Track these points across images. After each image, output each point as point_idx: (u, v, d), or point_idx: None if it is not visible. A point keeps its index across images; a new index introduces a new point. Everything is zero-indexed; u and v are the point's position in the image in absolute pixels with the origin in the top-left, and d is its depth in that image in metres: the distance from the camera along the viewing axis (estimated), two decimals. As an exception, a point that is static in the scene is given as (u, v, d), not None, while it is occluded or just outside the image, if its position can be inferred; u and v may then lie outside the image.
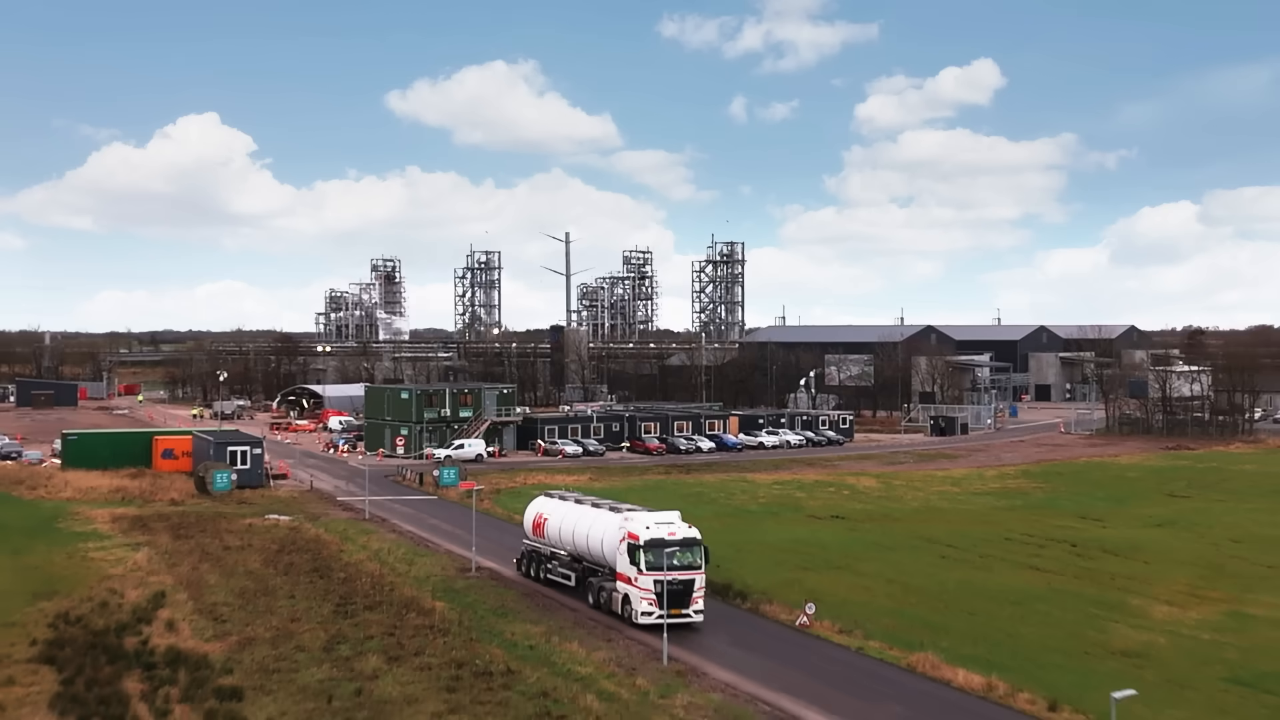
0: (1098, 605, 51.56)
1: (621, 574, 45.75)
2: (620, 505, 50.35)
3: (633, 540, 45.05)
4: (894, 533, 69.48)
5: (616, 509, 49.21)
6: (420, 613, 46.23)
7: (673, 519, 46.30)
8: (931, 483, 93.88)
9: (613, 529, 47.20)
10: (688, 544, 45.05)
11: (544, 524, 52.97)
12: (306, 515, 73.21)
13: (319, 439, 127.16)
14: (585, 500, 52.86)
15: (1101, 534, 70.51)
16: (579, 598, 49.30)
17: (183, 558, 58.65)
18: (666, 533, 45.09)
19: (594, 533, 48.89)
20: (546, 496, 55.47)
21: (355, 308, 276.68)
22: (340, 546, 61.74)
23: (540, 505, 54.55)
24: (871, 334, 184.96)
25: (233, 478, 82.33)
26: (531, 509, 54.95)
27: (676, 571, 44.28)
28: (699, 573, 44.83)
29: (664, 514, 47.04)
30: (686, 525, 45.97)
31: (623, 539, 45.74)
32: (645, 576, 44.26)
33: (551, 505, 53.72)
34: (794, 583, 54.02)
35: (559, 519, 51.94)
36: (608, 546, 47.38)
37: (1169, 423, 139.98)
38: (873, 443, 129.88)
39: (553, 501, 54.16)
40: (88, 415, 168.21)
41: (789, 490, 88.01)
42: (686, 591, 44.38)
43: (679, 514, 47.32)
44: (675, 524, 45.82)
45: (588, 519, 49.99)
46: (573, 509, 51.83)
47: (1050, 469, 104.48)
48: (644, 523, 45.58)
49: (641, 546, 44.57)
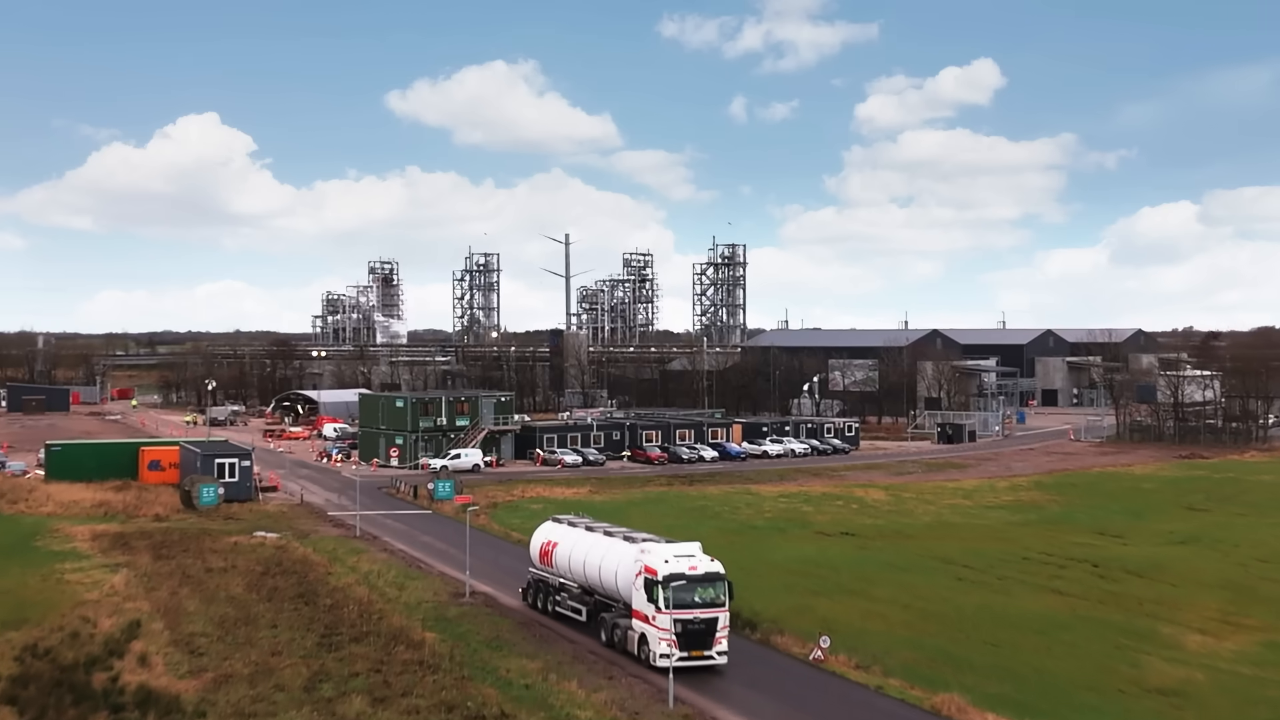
0: (1126, 634, 48.86)
1: (638, 611, 42.02)
2: (635, 534, 46.54)
3: (650, 575, 41.34)
4: (907, 551, 66.71)
5: (631, 538, 45.41)
6: (409, 645, 43.45)
7: (693, 551, 42.50)
8: (942, 495, 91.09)
9: (628, 561, 43.46)
10: (710, 579, 41.29)
11: (552, 552, 49.22)
12: (295, 532, 70.42)
13: (312, 447, 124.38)
14: (597, 527, 48.85)
15: (1122, 552, 67.75)
16: (591, 634, 45.61)
17: (162, 581, 55.88)
18: (687, 567, 41.35)
19: (607, 564, 45.15)
20: (554, 522, 51.36)
21: (352, 310, 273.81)
22: (328, 568, 58.94)
23: (548, 532, 50.60)
24: (876, 338, 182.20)
25: (219, 492, 79.51)
26: (539, 536, 51.04)
27: (698, 610, 40.71)
28: (723, 610, 41.12)
29: (684, 545, 43.17)
30: (709, 558, 42.13)
31: (639, 573, 42.05)
32: (664, 615, 40.57)
33: (560, 532, 49.76)
34: (805, 609, 51.30)
35: (568, 548, 48.18)
36: (622, 580, 43.68)
37: (1181, 430, 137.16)
38: (879, 451, 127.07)
39: (561, 528, 50.18)
40: (79, 421, 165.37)
41: (795, 504, 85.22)
42: (709, 631, 40.75)
43: (699, 545, 43.50)
44: (696, 557, 42.03)
45: (600, 549, 46.20)
46: (583, 537, 48.02)
47: (1063, 480, 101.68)
48: (662, 556, 41.81)
49: (660, 582, 40.82)
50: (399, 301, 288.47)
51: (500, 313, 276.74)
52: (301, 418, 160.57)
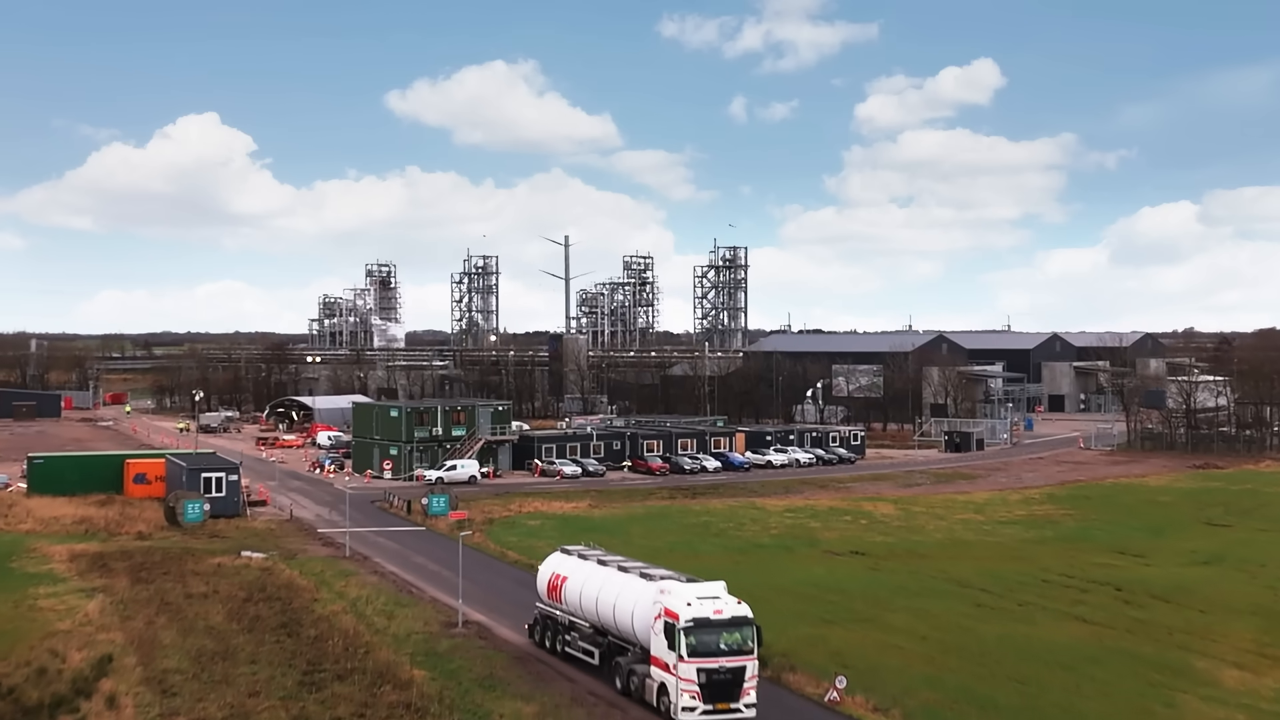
0: (1159, 669, 46.00)
1: (657, 658, 38.43)
2: (653, 570, 42.68)
3: (671, 619, 37.73)
4: (920, 573, 63.84)
5: (649, 575, 41.64)
6: (397, 685, 40.66)
7: (718, 592, 38.89)
8: (953, 509, 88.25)
9: (645, 602, 39.75)
10: (736, 623, 37.74)
11: (561, 587, 45.44)
12: (282, 552, 67.56)
13: (306, 456, 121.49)
14: (610, 561, 44.93)
15: (1145, 574, 64.90)
16: (604, 679, 41.96)
17: (139, 609, 53.08)
18: (711, 610, 37.70)
19: (622, 604, 41.40)
20: (564, 554, 47.51)
21: (350, 313, 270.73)
22: (314, 594, 56.08)
23: (556, 564, 46.86)
24: (881, 343, 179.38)
25: (205, 508, 76.68)
26: (547, 568, 47.30)
27: (724, 658, 37.24)
28: (750, 658, 37.60)
29: (707, 585, 39.50)
30: (735, 600, 38.48)
31: (658, 615, 38.39)
32: (687, 664, 37.00)
33: (570, 565, 46.00)
34: (817, 641, 48.45)
35: (579, 583, 44.34)
36: (639, 623, 39.99)
37: (1193, 438, 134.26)
38: (885, 460, 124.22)
39: (571, 560, 46.38)
40: (70, 428, 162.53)
41: (802, 519, 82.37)
42: (736, 681, 37.23)
43: (724, 585, 39.83)
44: (721, 598, 38.40)
45: (614, 586, 42.43)
46: (595, 571, 44.28)
47: (1076, 492, 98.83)
48: (684, 597, 38.09)
49: (682, 628, 37.23)
50: (397, 304, 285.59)
51: (499, 316, 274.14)
52: (296, 424, 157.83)
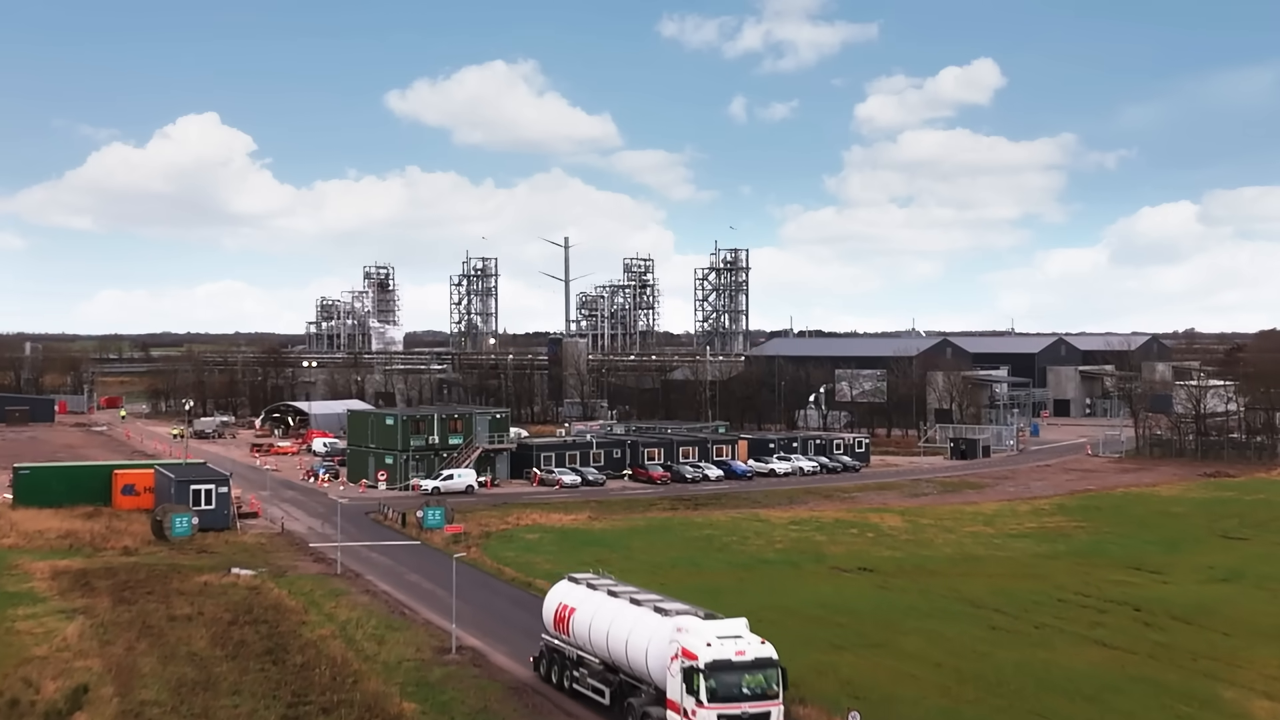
0: (1186, 700, 43.82)
1: (673, 701, 35.86)
2: (668, 604, 39.73)
3: (689, 660, 35.25)
4: (931, 591, 61.66)
5: (664, 610, 38.74)
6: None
7: (739, 630, 36.38)
8: (962, 521, 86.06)
9: (660, 639, 37.21)
10: (760, 665, 35.36)
11: (569, 619, 42.64)
12: (271, 569, 65.41)
13: (300, 464, 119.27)
14: (622, 592, 42.03)
15: (1164, 592, 62.70)
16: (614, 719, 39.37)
17: (119, 632, 50.98)
18: (733, 651, 35.17)
19: (635, 641, 38.63)
20: (572, 582, 44.62)
21: (347, 316, 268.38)
22: (303, 616, 53.94)
23: (564, 593, 44.06)
24: (885, 347, 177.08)
25: (194, 521, 74.52)
26: (554, 597, 44.53)
27: (747, 703, 34.82)
28: (775, 703, 35.32)
29: (727, 624, 36.81)
30: (758, 640, 36.04)
31: (675, 655, 35.92)
32: (707, 710, 34.50)
33: (579, 595, 43.10)
34: (828, 669, 46.29)
35: (588, 614, 41.60)
36: (654, 662, 37.49)
37: (1203, 445, 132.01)
38: (890, 467, 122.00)
39: (580, 590, 43.49)
40: (62, 434, 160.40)
41: (808, 532, 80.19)
42: None
43: (745, 623, 37.23)
44: (743, 637, 35.94)
45: (626, 620, 39.65)
46: (606, 603, 41.48)
47: (1087, 502, 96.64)
48: (703, 636, 35.51)
49: (702, 670, 34.79)
50: (395, 307, 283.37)
51: (498, 318, 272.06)
52: (291, 430, 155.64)
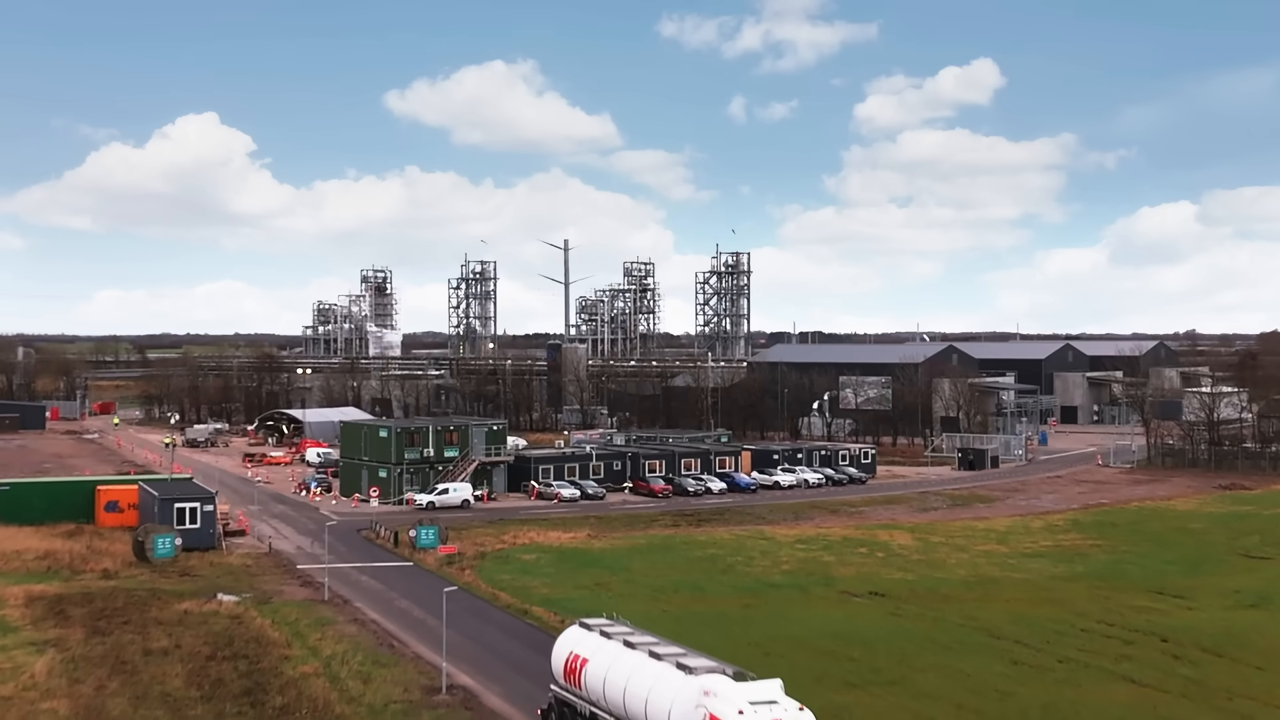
0: (1226, 746, 41.01)
1: None
2: (691, 659, 35.48)
3: None
4: (946, 619, 58.77)
5: (687, 667, 34.62)
6: (368, 776, 35.72)
7: (774, 695, 32.76)
8: (973, 538, 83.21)
9: (684, 702, 33.31)
10: None
11: (580, 671, 38.53)
12: (256, 595, 62.53)
13: (292, 475, 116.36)
14: (639, 643, 37.40)
15: (1190, 620, 59.82)
16: None
17: (91, 669, 48.10)
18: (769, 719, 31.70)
19: (656, 701, 34.58)
20: (583, 629, 40.11)
21: (344, 320, 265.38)
22: (285, 650, 51.04)
23: (575, 641, 39.71)
24: (889, 354, 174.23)
25: (177, 542, 71.68)
26: (563, 645, 40.21)
27: None
28: None
29: (760, 686, 33.14)
30: (796, 706, 32.42)
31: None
32: None
33: (591, 644, 38.87)
34: (843, 712, 43.40)
35: (602, 668, 37.54)
36: None
37: (1216, 454, 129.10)
38: (897, 479, 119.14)
39: (593, 639, 39.12)
40: (52, 442, 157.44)
41: (815, 551, 77.30)
42: None
43: (780, 684, 33.60)
44: (779, 702, 32.35)
45: (645, 677, 35.60)
46: (622, 655, 37.29)
47: (1101, 518, 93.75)
48: (734, 702, 31.84)
49: None
50: (392, 311, 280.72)
51: (497, 322, 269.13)
52: (286, 438, 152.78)
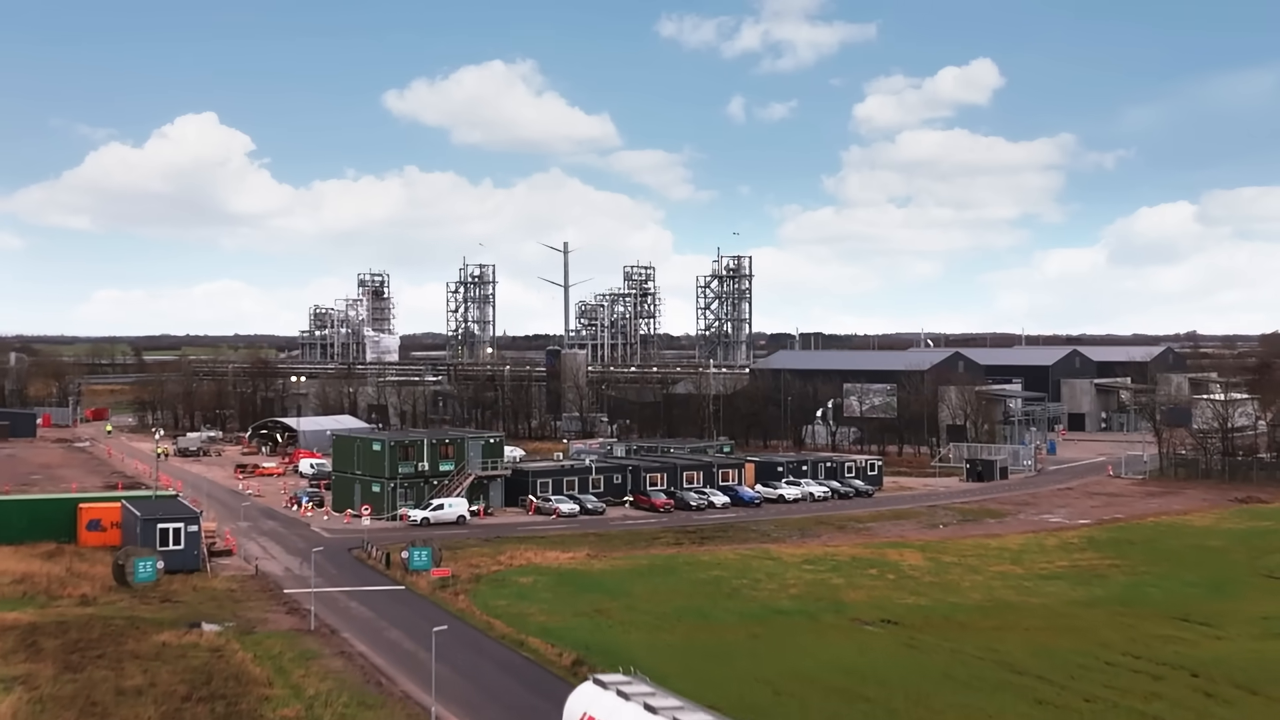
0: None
1: None
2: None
3: None
4: (964, 651, 55.88)
5: None
6: (347, 843, 32.84)
7: None
8: (987, 558, 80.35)
9: None
10: None
11: None
12: (239, 624, 59.64)
13: (284, 488, 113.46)
14: (662, 708, 32.16)
15: (1220, 651, 56.97)
16: None
17: (59, 710, 45.17)
18: None
19: None
20: (598, 687, 35.16)
21: (341, 324, 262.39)
22: (266, 689, 48.11)
23: (589, 702, 35.03)
24: (894, 360, 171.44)
25: (159, 565, 68.80)
26: (576, 704, 35.67)
27: None
28: None
29: None
30: None
31: None
32: None
33: (606, 706, 34.08)
34: (859, 763, 40.56)
35: None
36: None
37: (1229, 465, 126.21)
38: (904, 491, 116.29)
39: (608, 699, 34.30)
40: (42, 451, 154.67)
41: (823, 573, 74.40)
42: None
43: None
44: None
45: None
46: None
47: (1118, 535, 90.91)
48: None
49: None
50: (390, 315, 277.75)
51: (495, 325, 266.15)
52: (279, 447, 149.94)
